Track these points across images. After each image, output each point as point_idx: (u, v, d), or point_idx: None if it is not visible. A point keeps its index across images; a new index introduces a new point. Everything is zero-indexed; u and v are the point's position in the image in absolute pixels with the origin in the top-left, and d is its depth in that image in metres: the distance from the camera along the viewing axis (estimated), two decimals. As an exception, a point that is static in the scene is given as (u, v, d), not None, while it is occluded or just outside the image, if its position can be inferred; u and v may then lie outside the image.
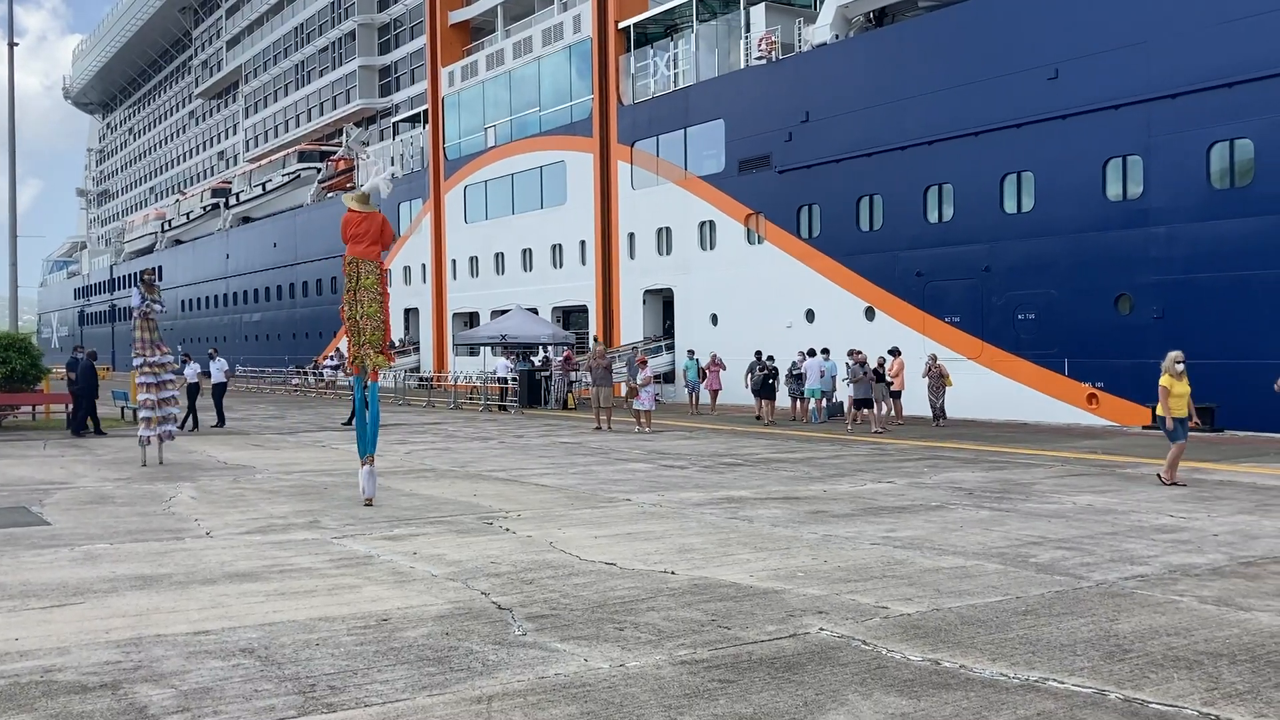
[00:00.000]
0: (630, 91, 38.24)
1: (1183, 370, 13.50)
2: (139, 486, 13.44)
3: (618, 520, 10.59)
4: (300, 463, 16.67)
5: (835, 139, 30.18)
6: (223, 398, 25.68)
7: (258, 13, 76.66)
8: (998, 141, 26.44)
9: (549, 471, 15.29)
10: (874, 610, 6.81)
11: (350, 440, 20.74)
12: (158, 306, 16.91)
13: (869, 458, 17.06)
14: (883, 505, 11.60)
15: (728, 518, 10.70)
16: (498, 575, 7.92)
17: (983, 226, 26.81)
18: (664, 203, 36.43)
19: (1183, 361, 13.58)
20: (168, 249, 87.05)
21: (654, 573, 7.97)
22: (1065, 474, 14.66)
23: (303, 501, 12.08)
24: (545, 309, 40.93)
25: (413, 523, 10.49)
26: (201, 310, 77.96)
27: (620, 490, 12.98)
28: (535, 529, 10.04)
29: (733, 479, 14.15)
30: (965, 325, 27.27)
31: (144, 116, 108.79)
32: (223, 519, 10.76)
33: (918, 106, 28.10)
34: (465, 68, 48.01)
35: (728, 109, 33.79)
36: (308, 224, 62.12)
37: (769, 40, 32.67)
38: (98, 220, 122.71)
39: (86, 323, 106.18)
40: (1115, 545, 9.16)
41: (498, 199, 45.33)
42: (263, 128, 76.78)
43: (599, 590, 7.38)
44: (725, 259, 33.97)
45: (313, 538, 9.63)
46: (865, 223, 29.78)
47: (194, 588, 7.51)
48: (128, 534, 9.80)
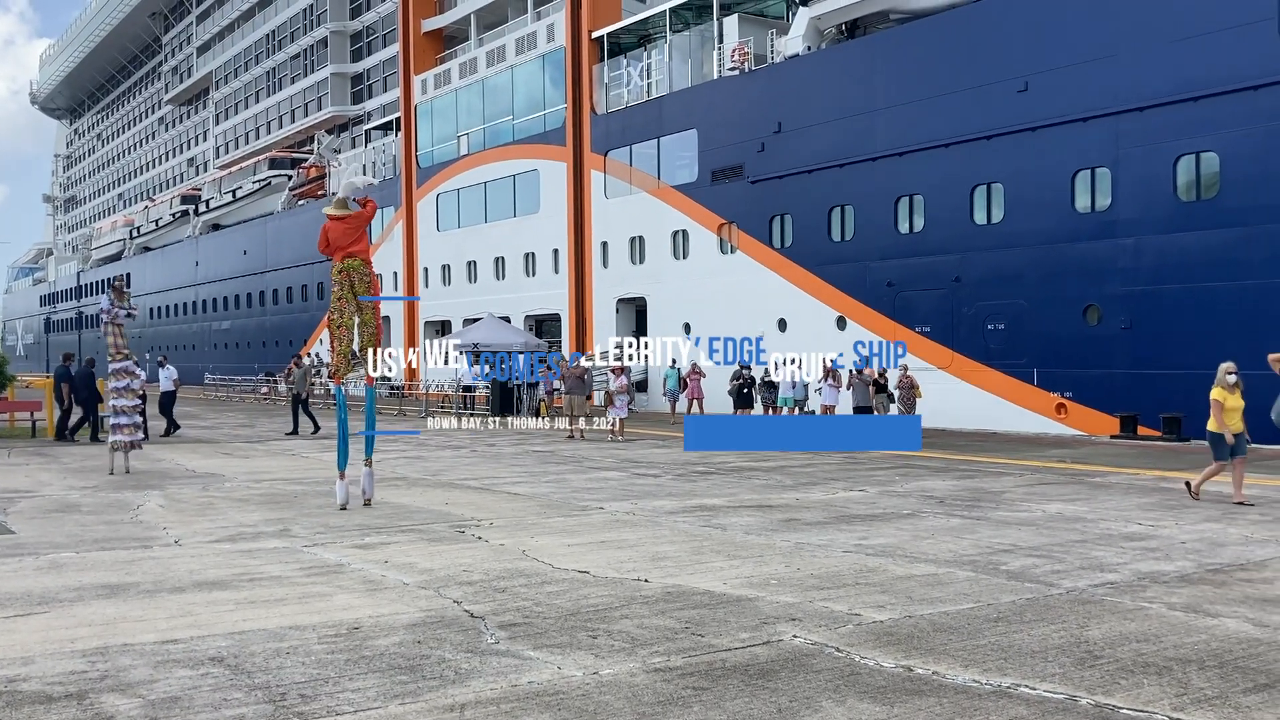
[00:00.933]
0: (604, 101, 38.31)
1: (1236, 382, 12.53)
2: (106, 495, 13.29)
3: (591, 529, 10.56)
4: (270, 471, 16.53)
5: (807, 149, 30.34)
6: (173, 406, 25.20)
7: (229, 19, 76.24)
8: (968, 153, 26.67)
9: (522, 480, 15.25)
10: (847, 617, 6.83)
11: (322, 448, 20.65)
12: (121, 313, 16.69)
13: (841, 466, 17.12)
14: (855, 513, 11.64)
15: (701, 526, 10.71)
16: (470, 584, 7.88)
17: (953, 237, 27.02)
18: (637, 212, 36.49)
19: (1235, 373, 12.64)
20: (136, 256, 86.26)
21: (627, 580, 7.95)
22: (1035, 483, 14.77)
23: (273, 510, 11.98)
24: (518, 318, 40.87)
25: (384, 531, 10.42)
26: (170, 318, 77.27)
27: (593, 499, 12.96)
28: (508, 537, 10.00)
29: (706, 487, 14.16)
30: (936, 335, 27.45)
31: (113, 122, 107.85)
32: (191, 527, 10.64)
33: (889, 118, 28.31)
34: (438, 76, 47.93)
35: (701, 119, 33.91)
36: (278, 231, 61.75)
37: (742, 51, 32.83)
38: (65, 227, 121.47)
39: (53, 330, 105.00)
40: (1085, 553, 9.23)
41: (470, 207, 45.25)
42: (233, 134, 76.31)
43: (572, 598, 7.36)
44: (698, 268, 34.05)
45: (283, 546, 9.55)
46: (837, 233, 29.94)
47: (162, 596, 7.43)
48: (94, 543, 9.68)
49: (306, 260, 57.64)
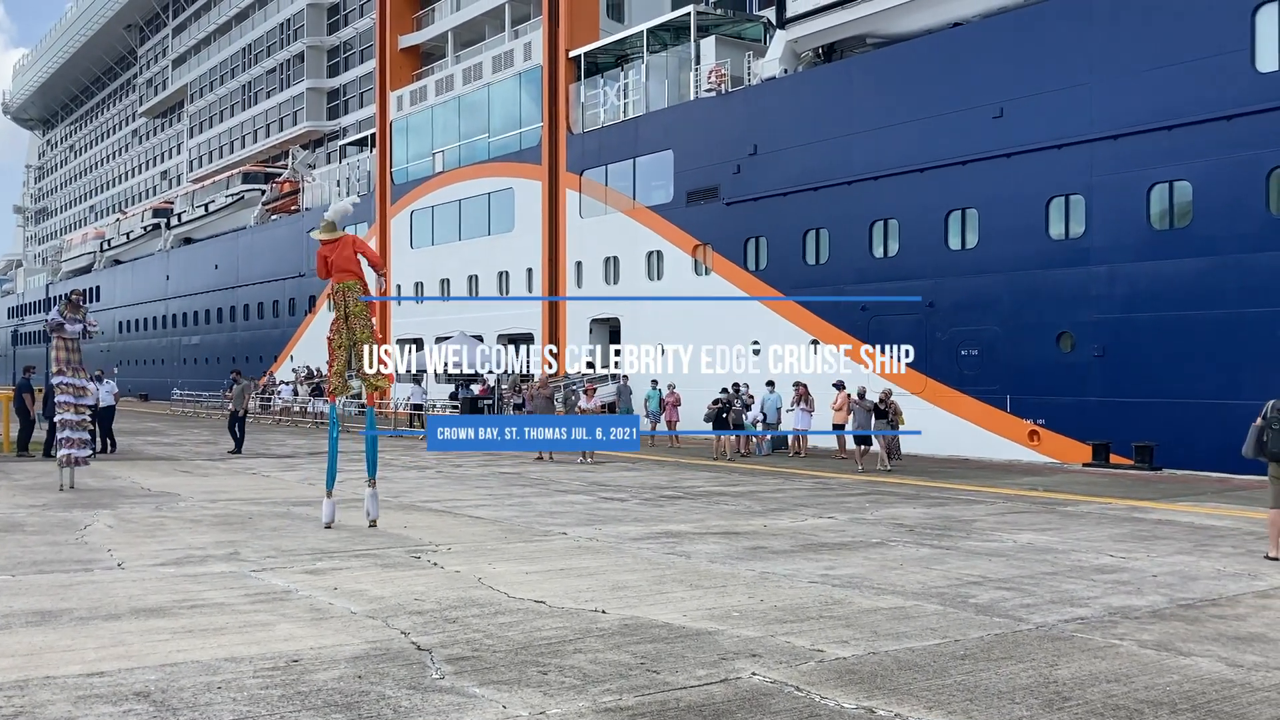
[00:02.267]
0: (580, 120, 38.16)
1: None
2: (54, 514, 12.88)
3: (551, 555, 10.27)
4: (228, 490, 16.13)
5: (783, 172, 30.25)
6: (111, 422, 24.41)
7: (205, 32, 75.79)
8: (943, 178, 26.62)
9: (485, 503, 14.93)
10: (809, 653, 6.57)
11: (283, 467, 20.26)
12: (78, 326, 16.28)
13: (811, 492, 16.89)
14: (823, 541, 11.40)
15: (665, 553, 10.43)
16: (420, 613, 7.57)
17: (927, 262, 26.93)
18: (612, 232, 36.29)
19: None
20: (106, 269, 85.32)
21: (584, 611, 7.66)
22: (1007, 511, 14.59)
23: (225, 531, 11.62)
24: (490, 336, 40.52)
25: (337, 556, 10.09)
26: (140, 332, 76.37)
27: (557, 523, 12.66)
28: (464, 564, 9.69)
29: (673, 512, 13.89)
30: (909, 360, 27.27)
31: (86, 134, 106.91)
32: (137, 549, 10.28)
33: (865, 142, 28.26)
34: (414, 92, 47.69)
35: (677, 140, 33.80)
36: (251, 246, 61.18)
37: (718, 73, 32.77)
38: (35, 238, 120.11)
39: (20, 343, 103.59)
40: (1055, 586, 9.02)
41: (444, 225, 44.94)
42: (207, 148, 75.73)
43: (525, 630, 7.07)
44: (672, 288, 33.83)
45: (230, 570, 9.21)
46: (811, 256, 29.83)
47: (95, 624, 7.08)
48: (33, 565, 9.31)
49: (279, 275, 57.15)
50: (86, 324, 16.57)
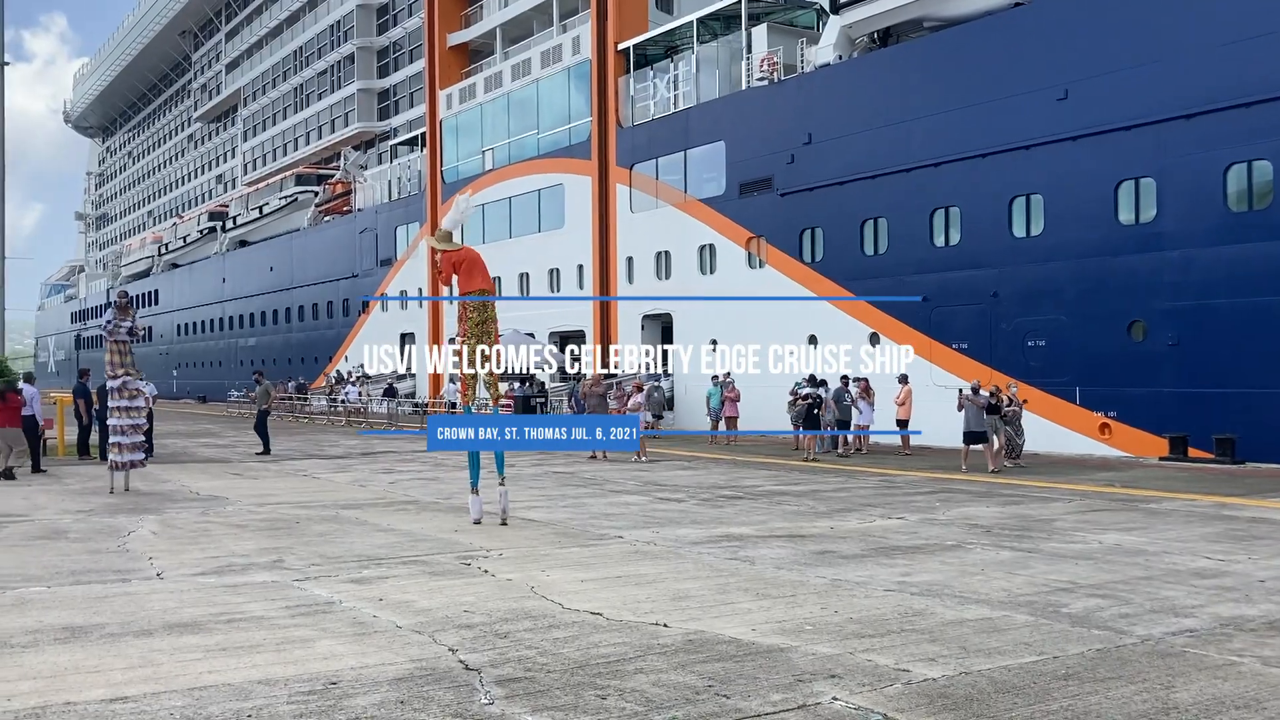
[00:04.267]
0: (629, 114, 37.63)
1: None
2: (99, 520, 12.60)
3: (607, 561, 9.74)
4: (277, 493, 15.81)
5: (839, 161, 29.49)
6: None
7: (257, 36, 76.39)
8: (1006, 163, 25.73)
9: (538, 504, 14.46)
10: (894, 674, 5.96)
11: (335, 469, 19.95)
12: (126, 325, 16.06)
13: (877, 491, 16.20)
14: (895, 544, 10.75)
15: (727, 558, 9.86)
16: (469, 627, 7.07)
17: (991, 250, 26.07)
18: (663, 226, 35.72)
19: None
20: (164, 272, 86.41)
21: (644, 625, 7.11)
22: (1086, 509, 13.81)
23: (271, 538, 11.24)
24: (542, 334, 40.14)
25: (384, 563, 9.64)
26: (197, 334, 77.19)
27: (612, 526, 12.13)
28: (516, 571, 9.19)
29: (733, 514, 13.29)
30: (973, 352, 26.48)
31: (143, 140, 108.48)
32: (179, 557, 9.91)
33: (924, 128, 27.43)
34: (463, 90, 47.47)
35: (728, 131, 33.14)
36: (304, 247, 61.46)
37: (771, 61, 32.06)
38: (96, 244, 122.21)
39: (82, 346, 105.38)
40: (1153, 592, 8.31)
41: (495, 222, 44.64)
42: (261, 151, 76.31)
43: (581, 646, 6.54)
44: (726, 283, 33.21)
45: (272, 580, 8.78)
46: (870, 246, 29.05)
47: (126, 641, 6.67)
48: (70, 575, 8.96)
49: (332, 276, 57.32)
50: (134, 325, 16.34)
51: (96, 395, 22.73)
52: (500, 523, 12.12)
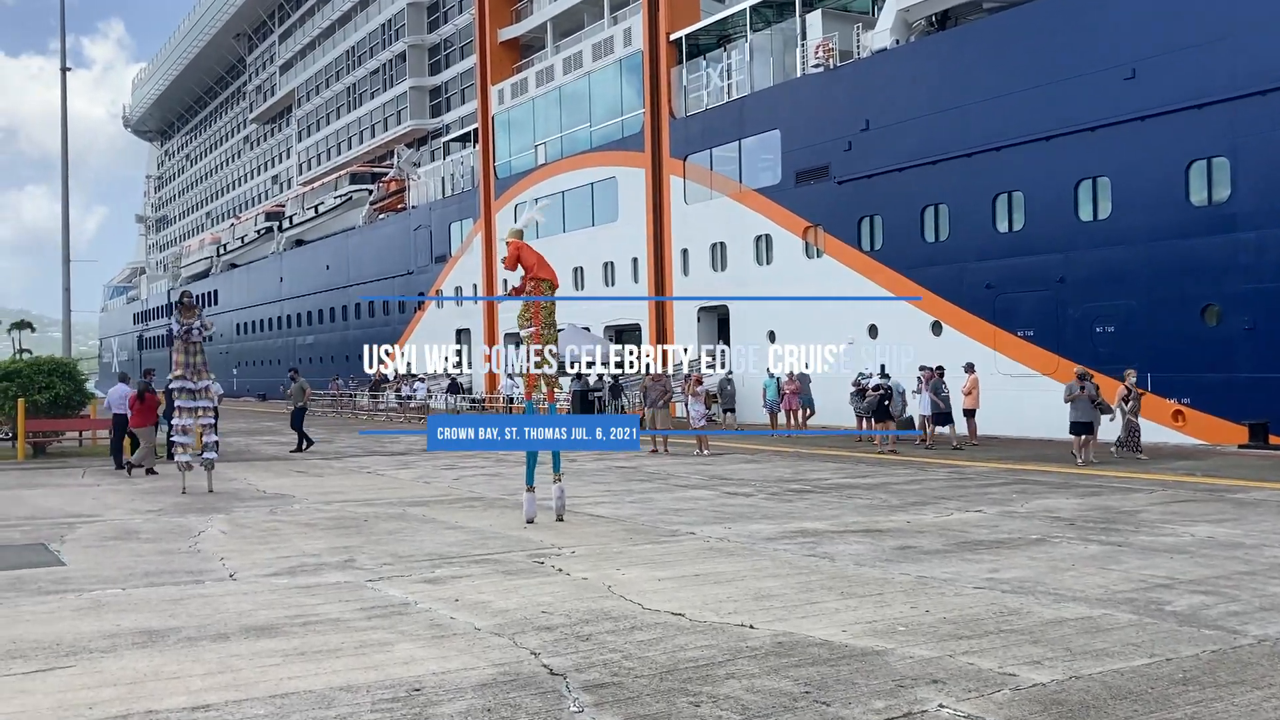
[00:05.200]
0: (683, 104, 37.33)
1: None
2: (169, 519, 12.61)
3: (682, 558, 9.51)
4: (343, 491, 15.78)
5: (898, 147, 28.98)
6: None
7: (310, 37, 77.06)
8: (1071, 146, 25.10)
9: (604, 499, 14.28)
10: (999, 678, 5.68)
11: (398, 465, 19.92)
12: (193, 324, 16.09)
13: (949, 483, 15.82)
14: (977, 539, 10.41)
15: (805, 555, 9.59)
16: (549, 629, 6.89)
17: (1056, 235, 25.47)
18: (718, 217, 35.41)
19: None
20: (223, 273, 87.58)
21: (729, 626, 6.88)
22: (1170, 500, 13.35)
23: (340, 536, 11.16)
24: (597, 328, 40.00)
25: (456, 561, 9.50)
26: (256, 333, 78.16)
27: (682, 522, 11.91)
28: (591, 569, 9.00)
29: (804, 508, 13.01)
30: (1039, 339, 25.90)
31: (200, 142, 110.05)
32: (250, 558, 9.84)
33: (985, 111, 26.84)
34: (515, 85, 47.44)
35: (784, 119, 32.73)
36: (360, 246, 61.90)
37: (826, 47, 31.60)
38: (156, 246, 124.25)
39: (145, 347, 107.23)
40: (1259, 589, 7.92)
41: (548, 217, 44.52)
42: (315, 151, 77.01)
43: (667, 649, 6.32)
44: (783, 273, 32.83)
45: (345, 580, 8.67)
46: (930, 233, 28.52)
47: (203, 645, 6.56)
48: (144, 576, 8.92)
49: (388, 274, 57.66)
50: (201, 324, 16.34)
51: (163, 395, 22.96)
52: (556, 519, 11.95)
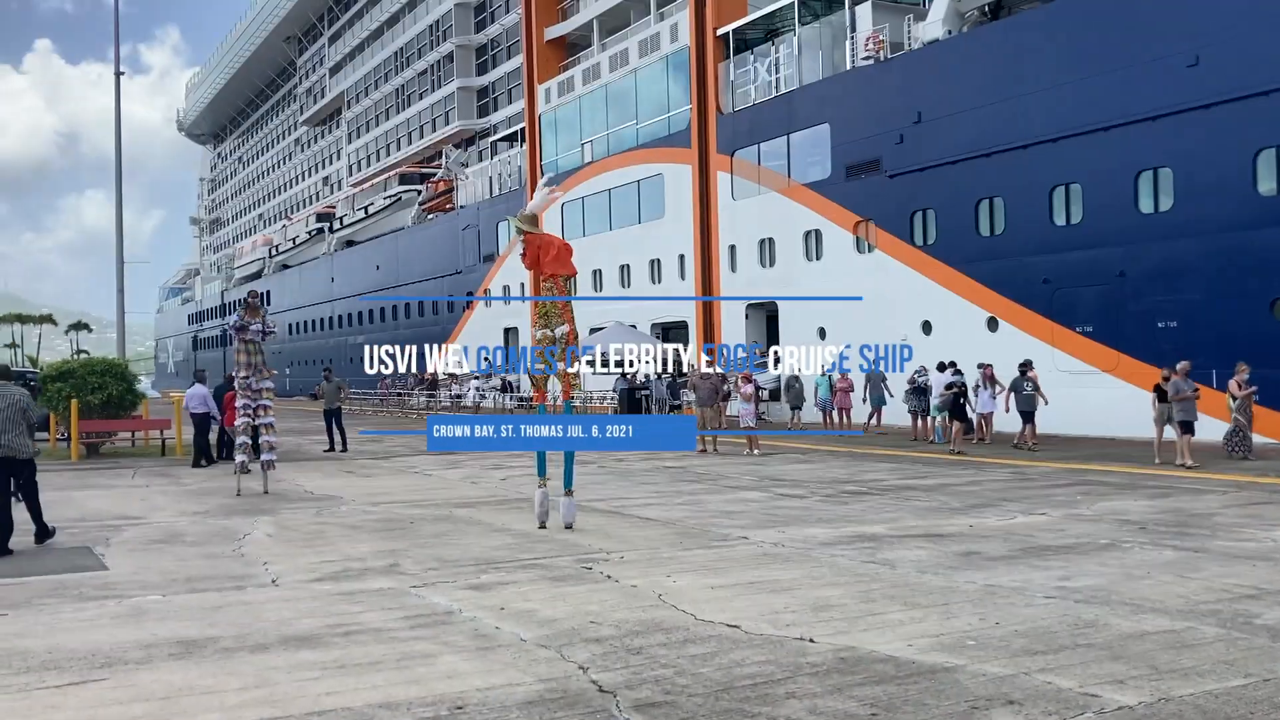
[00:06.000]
0: (730, 100, 36.92)
1: None
2: (214, 522, 12.50)
3: (736, 565, 9.17)
4: (390, 492, 15.61)
5: (951, 139, 28.39)
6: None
7: (359, 39, 77.57)
8: (1131, 136, 24.40)
9: (653, 501, 13.97)
10: (1080, 699, 5.28)
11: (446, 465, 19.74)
12: (255, 328, 15.99)
13: (1010, 484, 15.32)
14: (1044, 544, 9.96)
15: (864, 561, 9.21)
16: (598, 641, 6.59)
17: (1116, 228, 24.77)
18: (766, 213, 34.97)
19: None
20: (275, 274, 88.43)
21: (788, 639, 6.54)
22: (1245, 502, 12.78)
23: (385, 539, 10.95)
24: (644, 325, 39.71)
25: (502, 567, 9.24)
26: (308, 333, 78.81)
27: (735, 525, 11.57)
28: (641, 576, 8.70)
29: (861, 511, 12.61)
30: (1099, 335, 25.22)
31: (252, 145, 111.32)
32: (294, 562, 9.66)
33: (1041, 102, 26.19)
34: (562, 84, 47.29)
35: (833, 113, 32.23)
36: (409, 246, 62.14)
37: (876, 39, 31.06)
38: (210, 247, 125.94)
39: (199, 347, 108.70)
40: (1353, 599, 7.44)
41: (594, 215, 44.39)
42: (365, 152, 77.50)
43: (722, 665, 6.00)
44: (833, 269, 32.33)
45: (389, 587, 8.44)
46: (985, 227, 27.91)
47: (241, 657, 6.34)
48: (186, 582, 8.75)
49: (436, 273, 57.81)
50: (265, 325, 16.23)
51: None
52: (565, 527, 11.43)
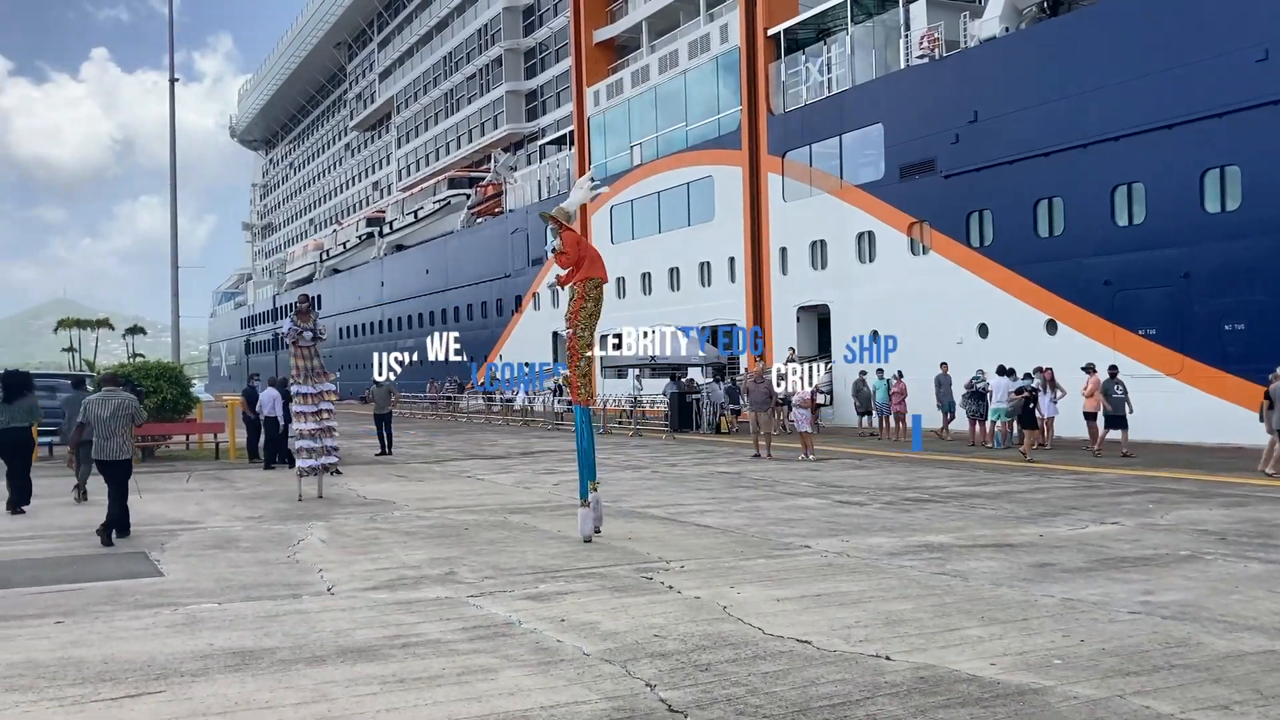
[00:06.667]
0: (781, 100, 36.56)
1: None
2: (269, 527, 12.42)
3: (800, 575, 8.89)
4: (443, 497, 15.49)
5: (1008, 139, 27.84)
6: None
7: (408, 44, 78.06)
8: (1196, 133, 23.76)
9: (710, 508, 13.70)
10: (1183, 727, 4.97)
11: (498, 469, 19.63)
12: (308, 333, 15.94)
13: (1077, 491, 14.87)
14: (1121, 555, 9.58)
15: (934, 573, 8.89)
16: (664, 655, 6.36)
17: (1181, 228, 24.13)
18: (818, 214, 34.56)
19: None
20: (326, 278, 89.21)
21: (863, 657, 6.26)
22: (1328, 512, 12.28)
23: (440, 546, 10.80)
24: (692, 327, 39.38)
25: (560, 576, 9.04)
26: (358, 337, 79.37)
27: (795, 533, 11.28)
28: (703, 586, 8.45)
29: (925, 519, 12.26)
30: (1162, 338, 24.57)
31: (303, 151, 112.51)
32: (349, 569, 9.52)
33: (1102, 99, 25.59)
34: (610, 86, 47.16)
35: (887, 112, 31.77)
36: (458, 250, 62.35)
37: (931, 37, 30.57)
38: (262, 252, 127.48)
39: (252, 351, 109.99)
40: None
41: (643, 218, 44.19)
42: (414, 157, 77.96)
43: (796, 684, 5.73)
44: (886, 271, 31.86)
45: (446, 596, 8.26)
46: (1044, 228, 27.33)
47: (297, 670, 6.18)
48: (241, 589, 8.63)
49: (486, 277, 57.93)
50: (316, 329, 16.16)
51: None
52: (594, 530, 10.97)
